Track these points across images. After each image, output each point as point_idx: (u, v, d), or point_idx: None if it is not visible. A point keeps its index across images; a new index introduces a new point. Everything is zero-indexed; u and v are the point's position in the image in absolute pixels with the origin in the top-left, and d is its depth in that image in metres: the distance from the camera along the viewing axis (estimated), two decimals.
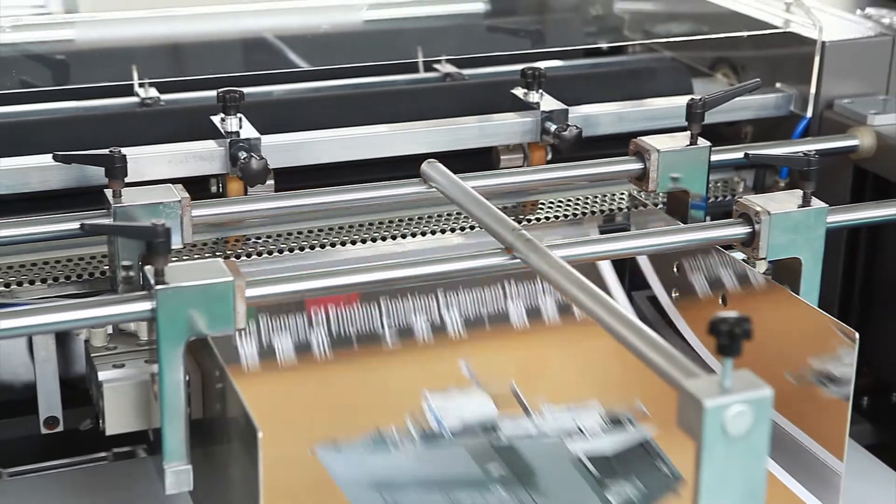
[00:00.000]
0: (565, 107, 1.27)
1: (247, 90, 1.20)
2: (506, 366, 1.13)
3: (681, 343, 1.23)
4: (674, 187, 1.21)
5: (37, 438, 1.17)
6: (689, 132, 1.21)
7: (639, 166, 1.20)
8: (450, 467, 1.02)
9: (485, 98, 1.32)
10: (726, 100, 1.25)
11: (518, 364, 1.14)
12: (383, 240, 1.24)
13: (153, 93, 1.33)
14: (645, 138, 1.21)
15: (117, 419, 1.02)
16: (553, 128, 1.26)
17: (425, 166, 1.16)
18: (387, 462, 1.02)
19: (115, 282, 1.07)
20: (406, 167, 1.21)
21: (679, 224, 1.21)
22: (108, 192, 1.07)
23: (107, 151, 1.07)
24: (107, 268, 1.14)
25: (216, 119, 1.19)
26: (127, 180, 1.08)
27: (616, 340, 0.87)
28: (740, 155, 1.25)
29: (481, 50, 1.47)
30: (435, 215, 1.27)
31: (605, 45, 1.59)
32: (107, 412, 1.02)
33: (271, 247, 1.20)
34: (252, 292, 0.97)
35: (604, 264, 1.23)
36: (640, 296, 1.28)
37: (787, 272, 1.13)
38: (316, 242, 1.22)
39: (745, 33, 1.44)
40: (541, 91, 1.28)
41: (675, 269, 1.24)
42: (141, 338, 1.07)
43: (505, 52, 1.46)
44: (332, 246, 1.22)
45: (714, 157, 1.22)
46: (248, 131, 1.18)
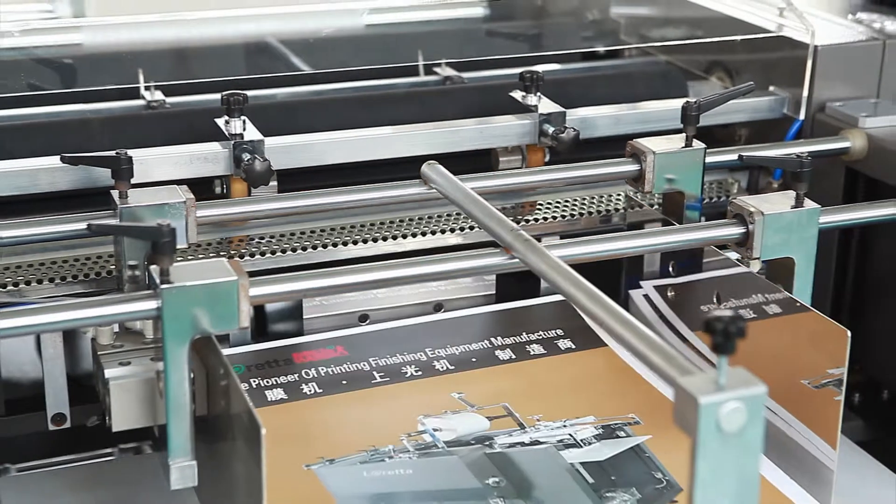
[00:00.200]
0: (563, 109, 1.27)
1: (250, 93, 1.19)
2: (498, 394, 1.13)
3: (677, 341, 1.23)
4: (669, 188, 1.21)
5: (44, 435, 1.16)
6: (684, 134, 1.21)
7: (635, 168, 1.20)
8: (447, 479, 1.02)
9: (484, 101, 1.32)
10: (721, 102, 1.25)
11: (510, 390, 1.14)
12: (384, 240, 1.24)
13: (159, 96, 1.33)
14: (641, 140, 1.21)
15: (123, 416, 1.02)
16: (551, 130, 1.26)
17: (425, 168, 1.15)
18: (384, 476, 1.02)
19: (121, 281, 1.07)
20: (406, 168, 1.21)
21: (675, 224, 1.21)
22: (115, 193, 1.07)
23: (113, 153, 1.07)
24: (113, 267, 1.14)
25: (220, 121, 1.19)
26: (133, 181, 1.07)
27: (613, 338, 0.87)
28: (734, 157, 1.25)
29: (480, 54, 1.47)
30: (435, 216, 1.27)
31: (601, 49, 1.59)
32: (113, 409, 1.02)
33: (274, 247, 1.20)
34: (255, 291, 0.97)
35: None
36: (636, 294, 1.28)
37: (780, 271, 1.13)
38: (318, 242, 1.21)
39: (739, 37, 1.44)
40: (539, 94, 1.28)
41: (671, 268, 1.24)
42: (147, 336, 1.07)
43: (503, 56, 1.47)
44: (334, 246, 1.22)
45: (709, 159, 1.21)
46: (252, 133, 1.18)
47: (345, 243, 1.22)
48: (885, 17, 1.45)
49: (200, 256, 1.17)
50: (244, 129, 1.18)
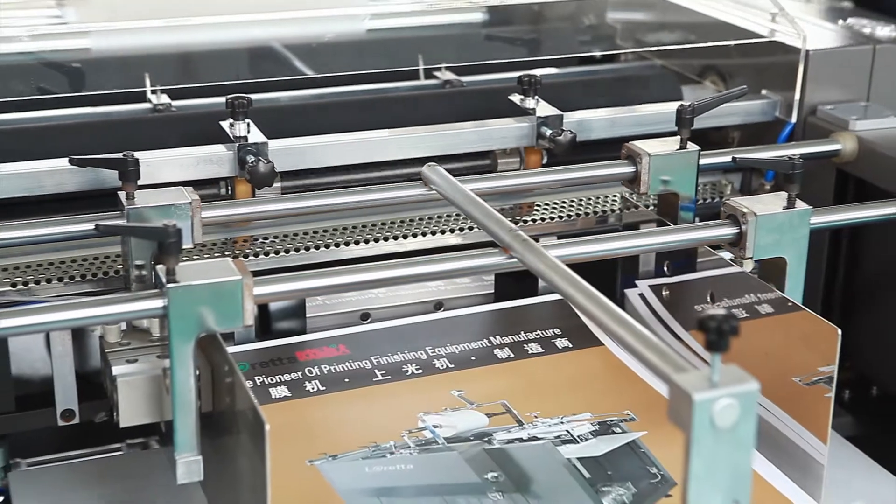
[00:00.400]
0: (560, 112, 1.27)
1: (254, 96, 1.20)
2: (497, 391, 1.13)
3: (672, 339, 1.23)
4: (664, 190, 1.21)
5: (54, 430, 1.16)
6: (678, 137, 1.21)
7: (631, 169, 1.20)
8: (447, 474, 1.02)
9: (483, 104, 1.32)
10: (714, 106, 1.25)
11: (508, 388, 1.14)
12: (385, 240, 1.23)
13: (165, 99, 1.33)
14: (636, 143, 1.21)
15: (131, 412, 1.02)
16: (548, 132, 1.26)
17: (425, 169, 1.15)
18: (386, 470, 1.02)
19: (128, 280, 1.07)
20: (407, 170, 1.21)
21: (669, 225, 1.21)
22: (122, 195, 1.07)
23: (120, 155, 1.07)
24: (120, 267, 1.14)
25: (225, 124, 1.19)
26: (139, 183, 1.07)
27: (610, 337, 0.87)
28: (728, 159, 1.25)
29: (479, 58, 1.47)
30: (435, 216, 1.27)
31: (598, 54, 1.59)
32: (121, 405, 1.01)
33: (278, 247, 1.20)
34: (259, 290, 0.97)
35: None
36: (632, 293, 1.28)
37: (772, 271, 1.13)
38: (321, 242, 1.21)
39: (733, 42, 1.44)
40: (536, 97, 1.28)
41: (666, 268, 1.24)
42: (153, 334, 1.07)
43: (502, 60, 1.46)
44: (336, 246, 1.22)
45: (703, 161, 1.21)
46: (256, 136, 1.18)
47: (346, 243, 1.22)
48: (874, 23, 1.45)
49: (206, 256, 1.17)
50: (248, 132, 1.18)
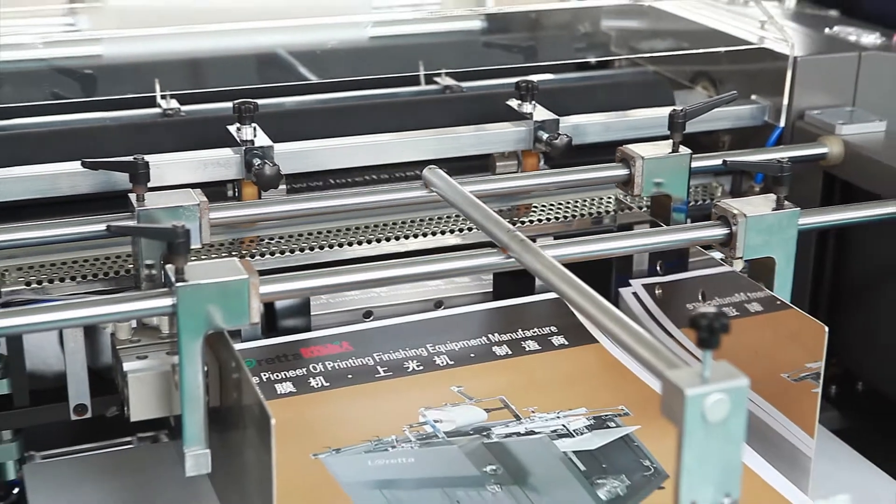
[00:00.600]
0: (556, 117, 1.27)
1: (261, 101, 1.19)
2: (495, 387, 1.13)
3: (665, 336, 1.23)
4: (657, 192, 1.21)
5: (67, 424, 1.16)
6: (671, 140, 1.21)
7: (624, 172, 1.20)
8: (447, 467, 1.02)
9: (481, 109, 1.32)
10: (705, 110, 1.25)
11: (506, 384, 1.14)
12: (387, 240, 1.23)
13: (174, 104, 1.33)
14: (630, 146, 1.21)
15: (141, 406, 1.02)
16: (545, 136, 1.26)
17: (426, 172, 1.15)
18: (388, 464, 1.02)
19: (138, 279, 1.07)
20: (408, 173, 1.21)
21: (662, 226, 1.21)
22: (133, 197, 1.07)
23: (131, 158, 1.07)
24: (131, 266, 1.14)
25: (232, 128, 1.19)
26: (149, 185, 1.07)
27: (604, 334, 0.87)
28: (719, 162, 1.25)
29: (478, 64, 1.47)
30: (435, 217, 1.27)
31: (593, 60, 1.59)
32: (131, 400, 1.01)
33: (283, 247, 1.20)
34: (266, 289, 0.97)
35: None
36: (626, 292, 1.28)
37: (761, 270, 1.13)
38: (325, 243, 1.21)
39: (723, 49, 1.44)
40: (534, 102, 1.28)
41: (659, 267, 1.24)
42: (163, 331, 1.07)
43: (500, 66, 1.46)
44: (340, 246, 1.22)
45: (694, 164, 1.21)
46: (262, 140, 1.18)
47: (350, 244, 1.22)
48: (860, 31, 1.45)
49: (213, 256, 1.17)
50: (255, 136, 1.17)
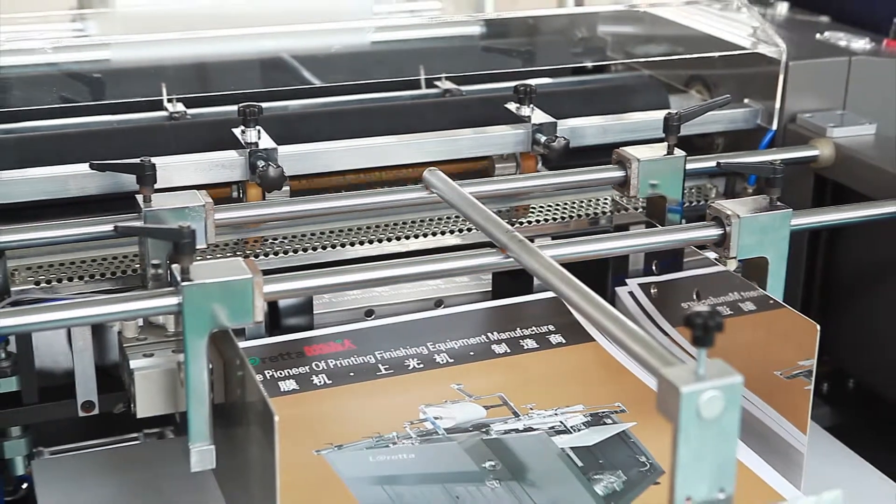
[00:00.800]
0: (554, 120, 1.27)
1: (265, 105, 1.19)
2: (494, 385, 1.13)
3: (660, 335, 1.22)
4: (653, 193, 1.20)
5: (75, 420, 1.16)
6: (666, 143, 1.20)
7: (621, 174, 1.20)
8: (447, 463, 1.01)
9: (481, 112, 1.32)
10: (700, 114, 1.24)
11: (505, 382, 1.13)
12: (388, 241, 1.23)
13: (180, 107, 1.32)
14: (626, 148, 1.20)
15: (147, 403, 1.02)
16: (543, 139, 1.26)
17: (426, 174, 1.15)
18: (389, 460, 1.01)
19: (145, 279, 1.07)
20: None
21: (657, 226, 1.21)
22: (139, 198, 1.07)
23: (138, 161, 1.07)
24: (138, 266, 1.14)
25: (237, 131, 1.18)
26: (156, 187, 1.07)
27: (601, 333, 0.86)
28: (713, 164, 1.25)
29: (478, 68, 1.47)
30: (436, 218, 1.26)
31: (590, 64, 1.59)
32: (138, 397, 1.01)
33: (287, 247, 1.20)
34: (269, 288, 0.97)
35: None
36: (622, 291, 1.27)
37: (755, 270, 1.13)
38: (327, 243, 1.21)
39: (717, 54, 1.43)
40: (532, 106, 1.28)
41: (654, 267, 1.24)
42: (169, 330, 1.07)
43: (499, 71, 1.46)
44: (342, 246, 1.21)
45: (689, 166, 1.21)
46: (266, 142, 1.17)
47: (352, 244, 1.22)
48: (850, 36, 1.45)
49: (218, 256, 1.17)
50: (259, 138, 1.17)
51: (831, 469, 1.14)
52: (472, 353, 1.17)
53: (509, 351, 1.18)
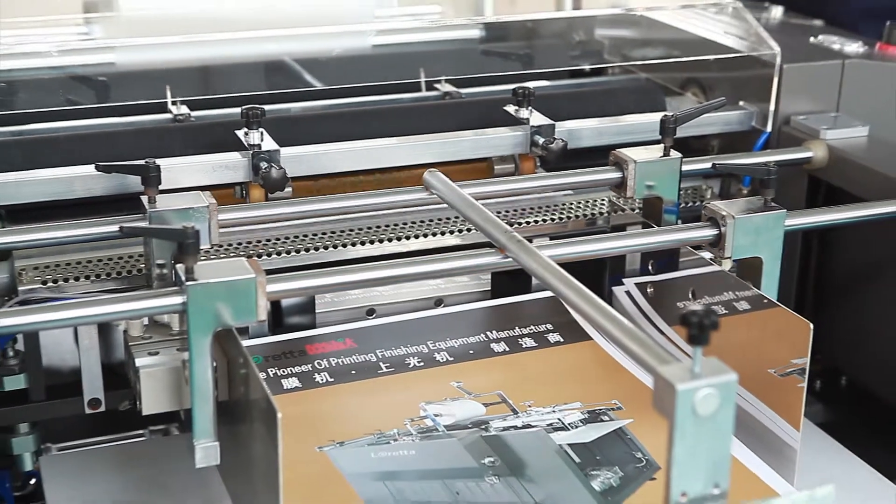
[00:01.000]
0: (552, 122, 1.27)
1: (268, 107, 1.19)
2: (493, 383, 1.13)
3: (656, 333, 1.22)
4: (649, 194, 1.20)
5: (82, 417, 1.16)
6: (662, 145, 1.20)
7: (618, 175, 1.20)
8: (447, 459, 1.01)
9: (480, 114, 1.32)
10: (695, 116, 1.25)
11: (504, 380, 1.13)
12: (389, 241, 1.23)
13: (184, 110, 1.32)
14: (623, 150, 1.20)
15: (152, 401, 1.02)
16: (541, 141, 1.26)
17: (427, 175, 1.15)
18: (390, 456, 1.01)
19: (150, 278, 1.07)
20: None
21: (654, 227, 1.21)
22: (144, 199, 1.07)
23: (143, 162, 1.07)
24: (143, 266, 1.14)
25: (240, 133, 1.18)
26: (160, 188, 1.07)
27: (598, 331, 0.86)
28: (708, 165, 1.25)
29: (477, 71, 1.47)
30: (436, 219, 1.26)
31: (587, 67, 1.59)
32: (143, 394, 1.01)
33: (289, 247, 1.20)
34: (272, 288, 0.97)
35: None
36: (619, 291, 1.27)
37: (749, 270, 1.13)
38: (329, 243, 1.21)
39: (712, 57, 1.43)
40: (530, 108, 1.28)
41: (651, 267, 1.24)
42: (173, 328, 1.07)
43: (498, 73, 1.46)
44: (344, 246, 1.21)
45: (685, 167, 1.21)
46: (269, 144, 1.18)
47: (353, 244, 1.22)
48: (843, 40, 1.45)
49: (222, 256, 1.17)
50: (262, 140, 1.17)
51: (824, 465, 1.14)
52: (471, 352, 1.17)
53: (508, 349, 1.18)
